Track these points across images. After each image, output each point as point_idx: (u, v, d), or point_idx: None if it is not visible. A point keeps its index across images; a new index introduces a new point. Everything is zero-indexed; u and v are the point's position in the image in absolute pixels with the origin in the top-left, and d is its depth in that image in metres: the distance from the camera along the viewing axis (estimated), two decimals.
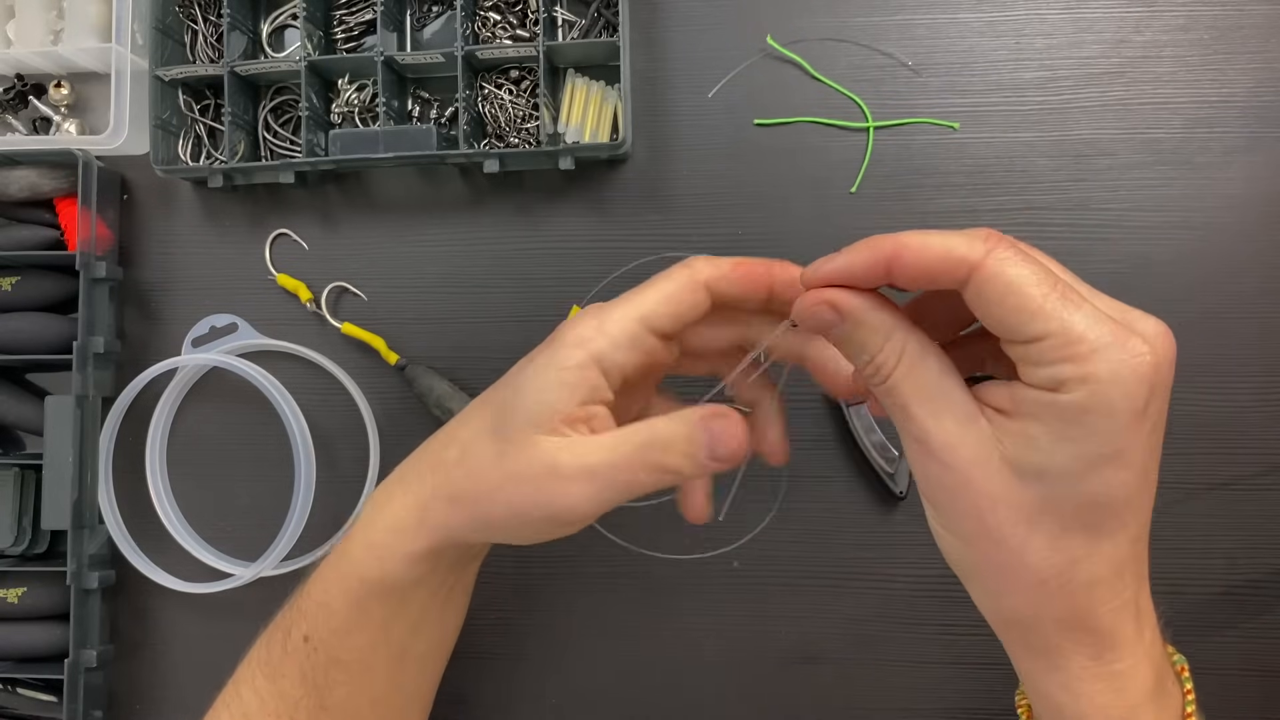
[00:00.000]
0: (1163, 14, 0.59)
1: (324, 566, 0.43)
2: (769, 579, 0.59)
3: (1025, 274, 0.28)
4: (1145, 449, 0.28)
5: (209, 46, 0.63)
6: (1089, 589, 0.30)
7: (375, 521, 0.40)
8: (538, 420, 0.35)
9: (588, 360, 0.35)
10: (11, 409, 0.63)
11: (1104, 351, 0.27)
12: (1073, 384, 0.27)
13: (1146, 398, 0.27)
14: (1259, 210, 0.58)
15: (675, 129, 0.61)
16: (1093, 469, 0.28)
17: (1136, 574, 0.31)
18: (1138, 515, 0.29)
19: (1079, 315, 0.27)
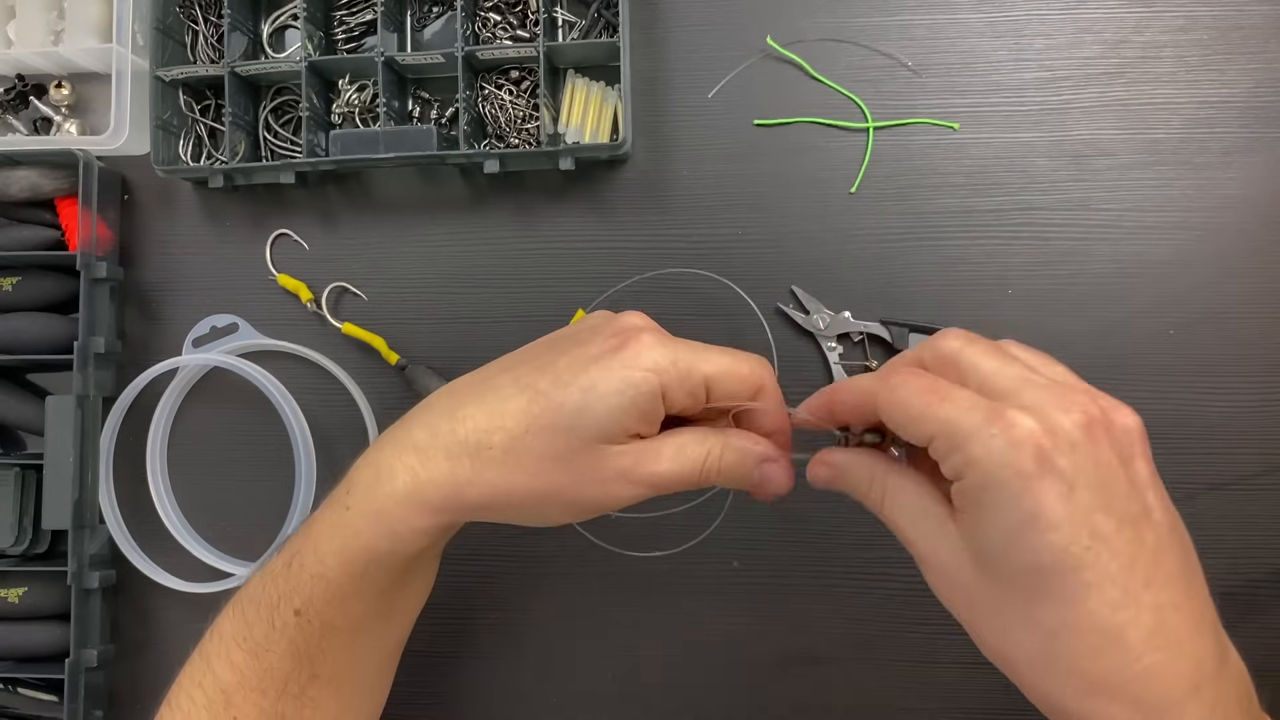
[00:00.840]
0: (1163, 14, 0.59)
1: (313, 540, 0.41)
2: (769, 579, 0.59)
3: (907, 391, 0.33)
4: (1067, 509, 0.29)
5: (209, 47, 0.63)
6: (1081, 660, 0.30)
7: (383, 491, 0.40)
8: (609, 434, 0.37)
9: (659, 390, 0.37)
10: (12, 409, 0.63)
11: (974, 433, 0.30)
12: (963, 469, 0.31)
13: (1035, 460, 0.29)
14: (1258, 210, 0.58)
15: (675, 129, 0.61)
16: (1013, 538, 0.30)
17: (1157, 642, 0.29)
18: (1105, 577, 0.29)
19: (952, 409, 0.31)
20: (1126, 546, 0.30)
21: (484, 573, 0.61)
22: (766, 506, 0.43)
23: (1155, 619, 0.29)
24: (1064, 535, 0.29)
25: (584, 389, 0.37)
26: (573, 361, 0.38)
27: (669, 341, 0.38)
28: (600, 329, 0.39)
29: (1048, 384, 0.32)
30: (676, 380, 0.37)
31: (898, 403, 0.33)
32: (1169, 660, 0.29)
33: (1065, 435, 0.30)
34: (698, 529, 0.58)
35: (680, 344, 0.38)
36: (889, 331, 0.58)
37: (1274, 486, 0.57)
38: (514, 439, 0.38)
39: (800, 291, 0.59)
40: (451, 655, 0.61)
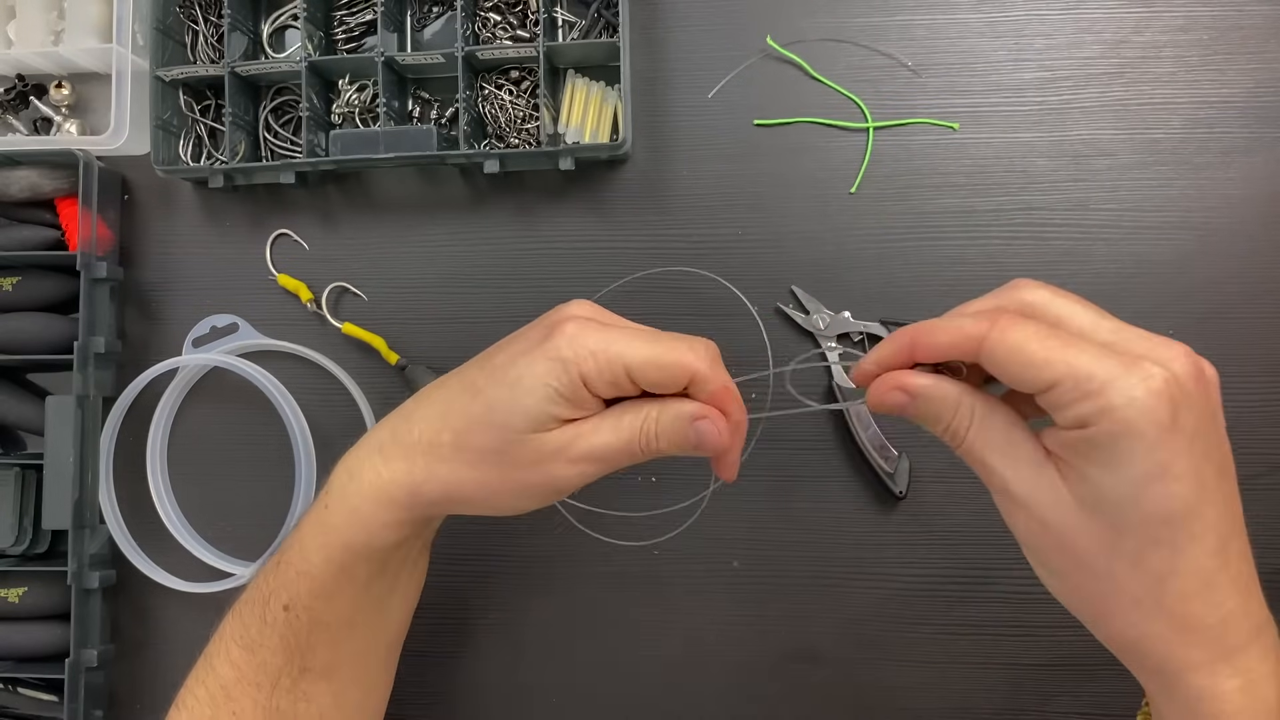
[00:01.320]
0: (1162, 14, 0.59)
1: (299, 539, 0.44)
2: (769, 579, 0.59)
3: (1024, 335, 0.32)
4: (1189, 460, 0.30)
5: (209, 47, 0.63)
6: (1182, 603, 0.31)
7: (354, 490, 0.42)
8: (538, 423, 0.38)
9: (578, 378, 0.38)
10: (12, 409, 0.63)
11: (1114, 382, 0.30)
12: (1094, 417, 0.30)
13: (1170, 411, 0.30)
14: (1258, 210, 0.58)
15: (675, 129, 0.61)
16: (1141, 488, 0.30)
17: (1235, 588, 0.32)
18: (1208, 526, 0.31)
19: (1083, 357, 0.30)
20: (1222, 497, 0.31)
21: (483, 573, 0.61)
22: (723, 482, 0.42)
23: (1237, 566, 0.32)
24: (1186, 486, 0.30)
25: (511, 383, 0.39)
26: (507, 357, 0.40)
27: (597, 330, 0.38)
28: (539, 322, 0.41)
29: (1150, 335, 0.32)
30: (595, 370, 0.38)
31: (1013, 346, 0.32)
32: (1242, 604, 0.32)
33: (1185, 386, 0.30)
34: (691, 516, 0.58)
35: (609, 331, 0.38)
36: (889, 331, 0.58)
37: (1274, 486, 0.57)
38: (459, 436, 0.40)
39: (800, 291, 0.59)
40: (451, 655, 0.61)
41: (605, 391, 0.39)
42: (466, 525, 0.43)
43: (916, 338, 0.35)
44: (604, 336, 0.38)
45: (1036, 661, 0.58)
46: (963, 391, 0.35)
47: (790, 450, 0.59)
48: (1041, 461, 0.33)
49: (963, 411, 0.35)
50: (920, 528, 0.58)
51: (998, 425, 0.34)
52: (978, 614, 0.58)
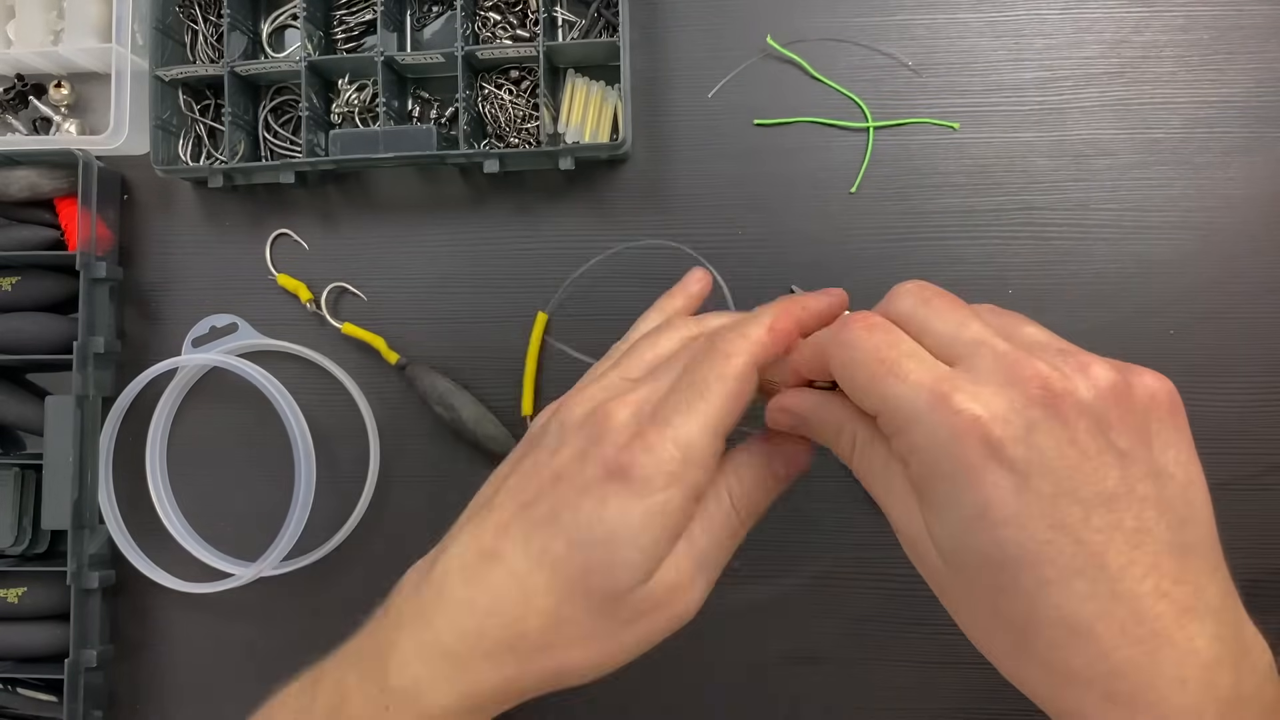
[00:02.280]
0: (1162, 14, 0.59)
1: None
2: (769, 578, 0.59)
3: (855, 356, 0.30)
4: (1019, 500, 0.26)
5: (209, 46, 0.63)
6: (1051, 652, 0.27)
7: (428, 698, 0.35)
8: (648, 570, 0.33)
9: (686, 501, 0.33)
10: (11, 409, 0.63)
11: (916, 418, 0.28)
12: (907, 455, 0.29)
13: (983, 451, 0.27)
14: (1258, 210, 0.58)
15: (675, 129, 0.61)
16: (967, 534, 0.28)
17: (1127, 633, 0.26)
18: (1066, 569, 0.26)
19: (898, 387, 0.28)
20: (1098, 534, 0.26)
21: None
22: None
23: (1132, 609, 0.26)
24: (1017, 529, 0.27)
25: (611, 544, 0.33)
26: (581, 514, 0.33)
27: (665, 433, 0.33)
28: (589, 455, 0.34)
29: (1008, 351, 0.28)
30: (703, 473, 0.33)
31: (846, 366, 0.30)
32: (1149, 653, 0.26)
33: (1021, 417, 0.27)
34: None
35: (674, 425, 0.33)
36: None
37: (1274, 486, 0.57)
38: (555, 620, 0.34)
39: (800, 291, 0.59)
40: None
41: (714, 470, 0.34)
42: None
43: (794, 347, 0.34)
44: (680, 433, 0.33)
45: None
46: (846, 418, 0.33)
47: None
48: (911, 495, 0.30)
49: (844, 437, 0.33)
50: None
51: (877, 454, 0.31)
52: None
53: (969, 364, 0.28)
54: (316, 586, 0.62)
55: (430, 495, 0.62)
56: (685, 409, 0.33)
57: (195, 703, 0.63)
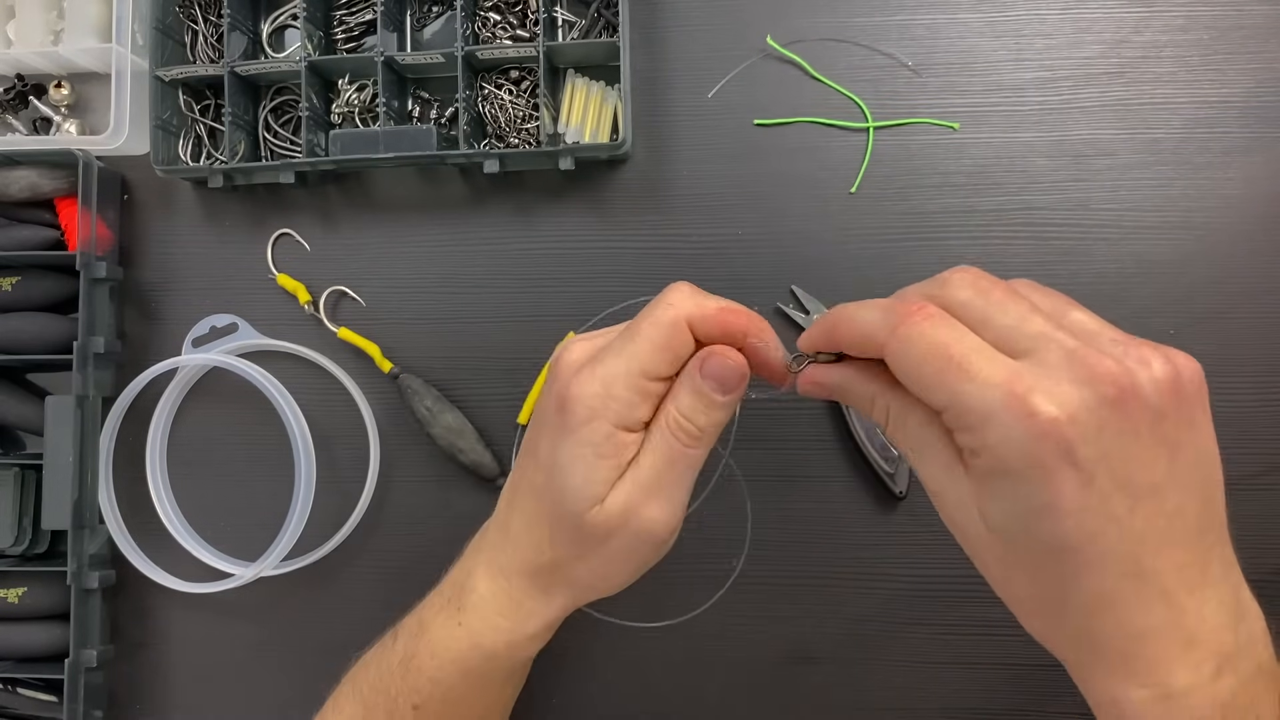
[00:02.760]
0: (1162, 14, 0.59)
1: (429, 646, 0.43)
2: (769, 579, 0.59)
3: (919, 352, 0.30)
4: (1082, 496, 0.28)
5: (209, 47, 0.63)
6: (1084, 620, 0.30)
7: (492, 610, 0.42)
8: (594, 496, 0.37)
9: (611, 430, 0.37)
10: (12, 409, 0.63)
11: (991, 419, 0.28)
12: (976, 451, 0.30)
13: (1057, 450, 0.28)
14: (1258, 210, 0.58)
15: (675, 129, 0.61)
16: (1032, 520, 0.29)
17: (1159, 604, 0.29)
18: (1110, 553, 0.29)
19: (970, 386, 0.29)
20: (1141, 521, 0.29)
21: None
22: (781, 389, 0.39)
23: (1157, 584, 0.29)
24: (1075, 523, 0.29)
25: (561, 472, 0.38)
26: (547, 445, 0.39)
27: (591, 372, 0.37)
28: (548, 393, 0.39)
29: (1076, 347, 0.29)
30: (624, 407, 0.36)
31: (909, 362, 0.31)
32: (1165, 620, 0.29)
33: (1094, 417, 0.28)
34: (697, 524, 0.58)
35: (604, 363, 0.37)
36: None
37: (1274, 486, 0.57)
38: (554, 541, 0.40)
39: (800, 291, 0.59)
40: None
41: (646, 413, 0.37)
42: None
43: (836, 326, 0.34)
44: (606, 370, 0.36)
45: (1036, 661, 0.58)
46: (877, 390, 0.34)
47: (790, 450, 0.59)
48: (952, 464, 0.32)
49: (878, 407, 0.34)
50: (920, 528, 0.58)
51: (911, 425, 0.33)
52: (978, 614, 0.58)
53: (1038, 359, 0.29)
54: (316, 586, 0.62)
55: (430, 495, 0.62)
56: (616, 351, 0.37)
57: (195, 703, 0.63)
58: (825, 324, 0.35)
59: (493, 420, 0.61)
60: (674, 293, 0.37)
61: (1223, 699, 0.30)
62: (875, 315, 0.32)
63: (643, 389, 0.37)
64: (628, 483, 0.37)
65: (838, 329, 0.34)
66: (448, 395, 0.61)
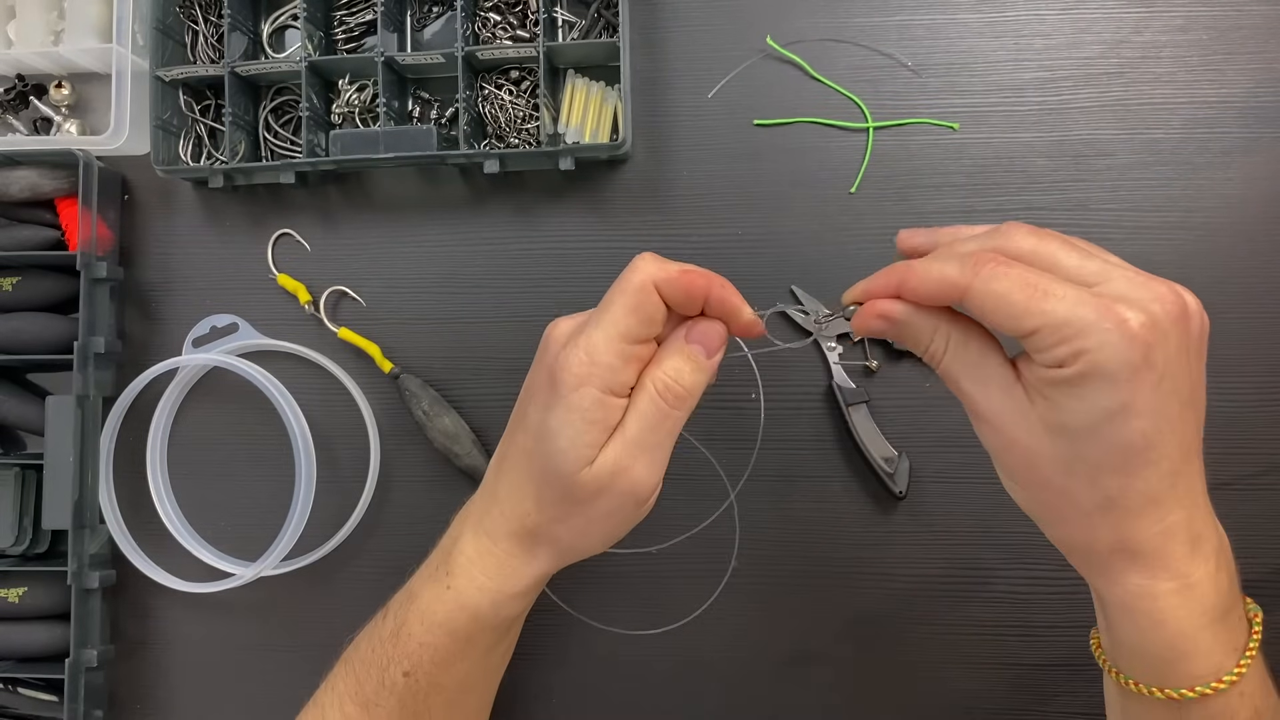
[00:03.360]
0: (1162, 14, 0.59)
1: (419, 611, 0.45)
2: (769, 579, 0.59)
3: (1007, 285, 0.33)
4: (1154, 398, 0.32)
5: (209, 47, 0.63)
6: (1129, 518, 0.34)
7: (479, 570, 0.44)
8: (584, 458, 0.40)
9: (599, 395, 0.39)
10: (12, 409, 0.63)
11: (1088, 327, 0.32)
12: (1070, 359, 0.33)
13: (1143, 353, 0.32)
14: (1258, 210, 0.58)
15: (675, 129, 0.61)
16: (1106, 422, 0.33)
17: (1181, 503, 0.34)
18: (1163, 455, 0.33)
19: (1061, 305, 0.32)
20: (1184, 427, 0.34)
21: None
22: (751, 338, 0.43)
23: (1186, 485, 0.34)
24: (1147, 421, 0.32)
25: (551, 436, 0.40)
26: (536, 412, 0.41)
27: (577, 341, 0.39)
28: (539, 364, 0.42)
29: (1134, 274, 0.33)
30: (608, 372, 0.39)
31: (997, 295, 0.33)
32: (1185, 517, 0.34)
33: (1163, 326, 0.32)
34: (697, 520, 0.58)
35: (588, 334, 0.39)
36: None
37: (1274, 486, 0.57)
38: (538, 502, 0.42)
39: (800, 291, 0.59)
40: None
41: (630, 377, 0.40)
42: None
43: (906, 279, 0.37)
44: (588, 340, 0.39)
45: (1036, 661, 0.58)
46: (939, 320, 0.37)
47: (790, 450, 0.59)
48: (1012, 385, 0.35)
49: (939, 338, 0.37)
50: (920, 528, 0.58)
51: (972, 352, 0.37)
52: (978, 614, 0.58)
53: (1107, 286, 0.33)
54: (316, 586, 0.62)
55: (430, 495, 0.62)
56: (595, 321, 0.40)
57: (195, 703, 0.63)
58: (891, 276, 0.37)
59: (492, 420, 0.61)
60: (639, 260, 0.40)
61: (1223, 588, 0.35)
62: (951, 263, 0.35)
63: (624, 352, 0.39)
64: (616, 444, 0.40)
65: (910, 279, 0.37)
66: (447, 395, 0.61)
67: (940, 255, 0.36)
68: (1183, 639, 0.35)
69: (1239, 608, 0.37)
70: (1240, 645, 0.36)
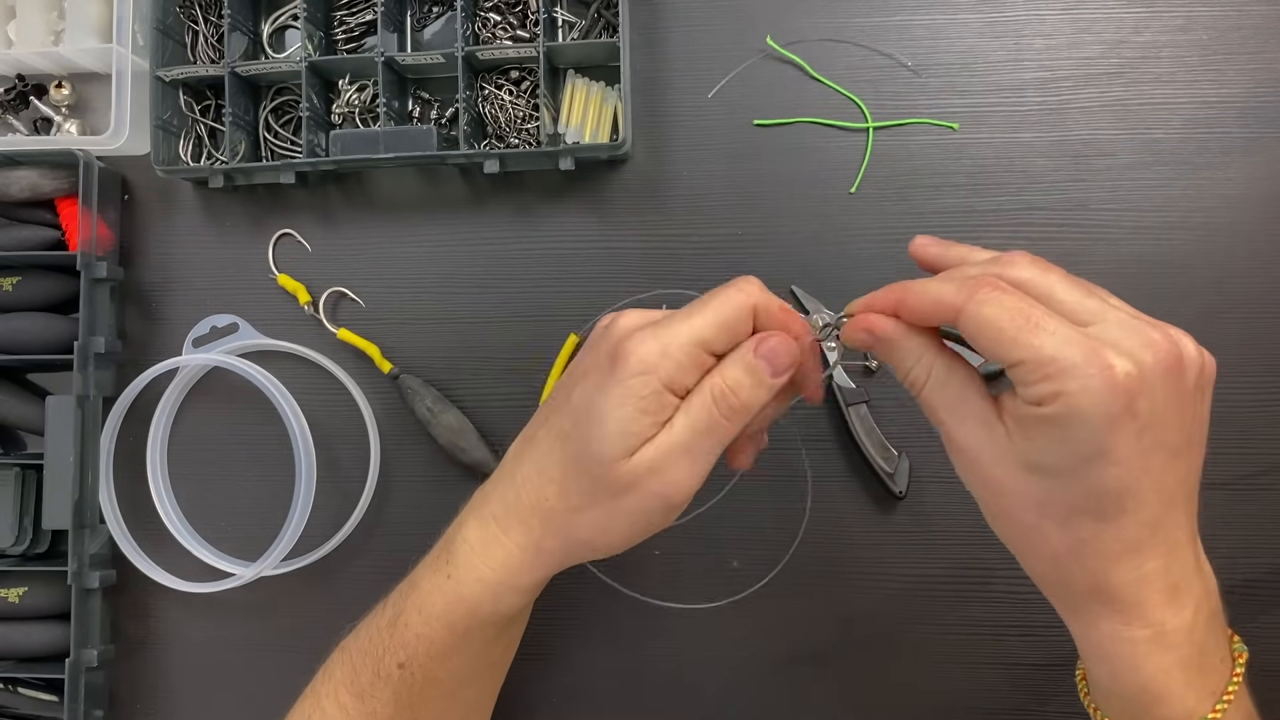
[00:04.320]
0: (1162, 15, 0.59)
1: (418, 602, 0.44)
2: (769, 579, 0.59)
3: (999, 312, 0.33)
4: (1135, 447, 0.32)
5: (210, 47, 0.63)
6: (1103, 562, 0.34)
7: (481, 561, 0.43)
8: (627, 448, 0.38)
9: (660, 387, 0.38)
10: (12, 409, 0.63)
11: (1073, 369, 0.31)
12: (1050, 398, 0.32)
13: (1124, 402, 0.31)
14: (1257, 210, 0.58)
15: (675, 129, 0.61)
16: (1083, 466, 0.32)
17: (1160, 552, 0.34)
18: (1141, 503, 0.33)
19: (1049, 341, 0.32)
20: (1169, 476, 0.33)
21: None
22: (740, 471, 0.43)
23: (1167, 533, 0.34)
24: (1125, 470, 0.32)
25: (598, 420, 0.38)
26: (583, 395, 0.40)
27: (654, 332, 0.38)
28: (598, 348, 0.40)
29: (1131, 317, 0.33)
30: (676, 369, 0.38)
31: (986, 321, 0.33)
32: (1163, 565, 0.34)
33: (1149, 377, 0.32)
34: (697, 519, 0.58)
35: (668, 327, 0.38)
36: None
37: (1274, 486, 0.57)
38: (562, 487, 0.41)
39: (800, 291, 0.59)
40: None
41: (692, 381, 0.39)
42: None
43: (904, 298, 0.37)
44: (666, 333, 0.38)
45: (1036, 661, 0.58)
46: (925, 347, 0.37)
47: (790, 450, 0.59)
48: (992, 421, 0.35)
49: (920, 366, 0.37)
50: (920, 528, 0.58)
51: (954, 384, 0.36)
52: (978, 614, 0.58)
53: (1101, 328, 0.33)
54: (316, 586, 0.62)
55: (430, 495, 0.62)
56: (681, 319, 0.39)
57: (195, 703, 0.63)
58: (890, 294, 0.37)
59: (493, 420, 0.61)
60: (744, 281, 0.40)
61: (1198, 638, 0.35)
62: (950, 284, 0.35)
63: (696, 358, 0.38)
64: (660, 441, 0.38)
65: (908, 297, 0.36)
66: (447, 395, 0.61)
67: (941, 277, 0.36)
68: (1156, 684, 0.34)
69: (1222, 649, 0.36)
70: (1219, 689, 0.35)
